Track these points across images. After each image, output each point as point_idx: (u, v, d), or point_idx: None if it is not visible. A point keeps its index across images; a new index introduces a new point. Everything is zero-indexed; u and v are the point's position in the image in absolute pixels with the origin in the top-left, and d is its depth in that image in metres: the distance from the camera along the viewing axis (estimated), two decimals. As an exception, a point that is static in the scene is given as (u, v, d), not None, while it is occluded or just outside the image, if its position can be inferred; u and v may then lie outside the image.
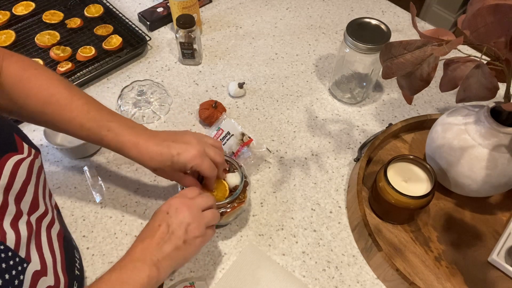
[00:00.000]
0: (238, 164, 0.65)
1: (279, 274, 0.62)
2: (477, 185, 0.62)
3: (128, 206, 0.70)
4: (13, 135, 0.45)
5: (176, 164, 0.56)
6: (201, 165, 0.56)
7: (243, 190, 0.63)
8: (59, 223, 0.54)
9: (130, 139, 0.55)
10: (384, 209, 0.66)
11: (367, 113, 0.85)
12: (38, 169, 0.49)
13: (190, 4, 0.91)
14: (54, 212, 0.53)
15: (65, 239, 0.54)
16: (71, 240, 0.60)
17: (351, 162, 0.77)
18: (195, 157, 0.55)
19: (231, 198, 0.61)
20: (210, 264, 0.64)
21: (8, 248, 0.39)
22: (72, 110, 0.55)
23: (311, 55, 0.96)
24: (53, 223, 0.51)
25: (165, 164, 0.56)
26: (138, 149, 0.55)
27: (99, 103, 0.58)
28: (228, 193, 0.62)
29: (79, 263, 0.58)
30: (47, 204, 0.51)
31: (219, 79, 0.90)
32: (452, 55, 0.59)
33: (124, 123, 0.57)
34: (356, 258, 0.65)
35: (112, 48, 0.92)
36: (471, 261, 0.63)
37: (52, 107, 0.54)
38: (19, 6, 1.00)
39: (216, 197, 0.62)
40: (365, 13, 1.07)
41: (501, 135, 0.58)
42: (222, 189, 0.63)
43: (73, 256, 0.56)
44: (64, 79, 0.58)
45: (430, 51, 0.52)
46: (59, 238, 0.52)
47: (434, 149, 0.66)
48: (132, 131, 0.56)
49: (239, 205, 0.62)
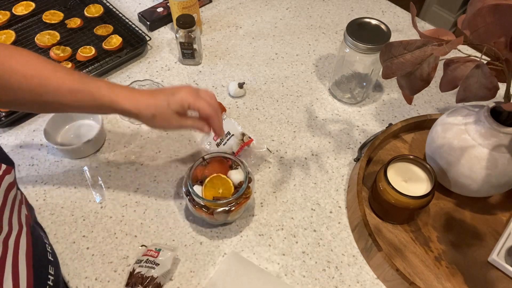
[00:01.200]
0: (240, 161, 0.65)
1: (266, 280, 0.61)
2: (477, 185, 0.62)
3: (128, 206, 0.70)
4: None
5: (173, 103, 0.55)
6: (196, 102, 0.56)
7: (247, 186, 0.63)
8: (27, 240, 0.51)
9: (122, 92, 0.54)
10: (384, 209, 0.66)
11: (367, 113, 0.85)
12: (7, 187, 0.46)
13: (190, 4, 0.91)
14: (23, 229, 0.50)
15: (34, 258, 0.51)
16: (45, 255, 0.57)
17: (351, 162, 0.77)
18: (189, 94, 0.56)
19: (237, 194, 0.61)
20: (210, 264, 0.64)
21: None
22: (57, 77, 0.53)
23: (311, 55, 0.96)
24: (19, 242, 0.48)
25: (162, 107, 0.55)
26: (132, 100, 0.54)
27: (80, 71, 0.57)
28: (233, 190, 0.63)
29: (52, 279, 0.55)
30: (13, 223, 0.48)
31: (219, 79, 0.90)
32: (452, 55, 0.59)
33: (111, 82, 0.56)
34: (356, 258, 0.65)
35: (112, 48, 0.92)
36: (471, 261, 0.63)
37: (36, 79, 0.52)
38: (19, 6, 1.00)
39: (222, 194, 0.62)
40: (365, 13, 1.07)
41: (501, 135, 0.58)
42: (227, 186, 0.63)
43: (46, 273, 0.54)
44: (43, 56, 0.56)
45: (430, 51, 0.52)
46: (28, 257, 0.49)
47: (434, 149, 0.66)
48: (123, 87, 0.56)
49: (245, 201, 0.63)
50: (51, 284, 0.54)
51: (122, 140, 0.79)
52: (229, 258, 0.64)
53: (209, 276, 0.62)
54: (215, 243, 0.66)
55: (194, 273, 0.63)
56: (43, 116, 0.81)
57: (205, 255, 0.65)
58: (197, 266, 0.63)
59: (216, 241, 0.66)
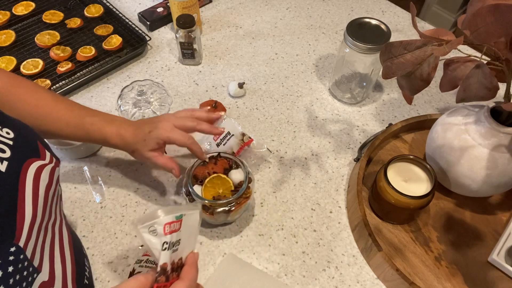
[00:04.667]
0: (240, 161, 0.65)
1: (265, 281, 0.61)
2: (477, 185, 0.62)
3: (128, 206, 0.70)
4: (37, 142, 0.46)
5: (149, 142, 0.61)
6: (171, 136, 0.61)
7: (247, 186, 0.63)
8: (68, 230, 0.54)
9: (111, 130, 0.62)
10: (384, 209, 0.66)
11: (367, 113, 0.85)
12: (57, 177, 0.50)
13: (190, 4, 0.91)
14: (63, 220, 0.54)
15: (75, 248, 0.54)
16: (82, 248, 0.61)
17: (351, 162, 0.77)
18: (164, 130, 0.61)
19: (237, 194, 0.61)
20: (210, 264, 0.64)
21: (26, 257, 0.38)
22: (58, 110, 0.61)
23: (311, 55, 0.96)
24: (62, 231, 0.51)
25: (139, 144, 0.62)
26: (120, 137, 0.62)
27: (79, 104, 0.65)
28: (233, 190, 0.63)
29: (88, 271, 0.58)
30: (57, 212, 0.51)
31: (219, 79, 0.90)
32: (452, 55, 0.59)
33: (104, 117, 0.64)
34: (356, 258, 0.65)
35: (112, 48, 0.92)
36: (471, 261, 0.63)
37: (40, 110, 0.60)
38: (19, 6, 1.00)
39: (222, 194, 0.62)
40: (365, 13, 1.07)
41: (501, 135, 0.58)
42: (227, 186, 0.63)
43: (83, 265, 0.57)
44: (46, 88, 0.64)
45: (430, 51, 0.52)
46: (70, 246, 0.52)
47: (434, 149, 0.66)
48: (113, 123, 0.63)
49: (245, 201, 0.63)
50: (87, 276, 0.57)
51: (122, 140, 0.79)
52: (227, 259, 0.64)
53: (209, 275, 0.62)
54: (215, 243, 0.66)
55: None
56: (43, 116, 0.81)
57: (205, 255, 0.65)
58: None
59: (216, 241, 0.66)
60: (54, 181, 0.48)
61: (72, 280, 0.49)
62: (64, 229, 0.52)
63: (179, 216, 0.43)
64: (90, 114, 0.63)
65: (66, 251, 0.50)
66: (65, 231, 0.52)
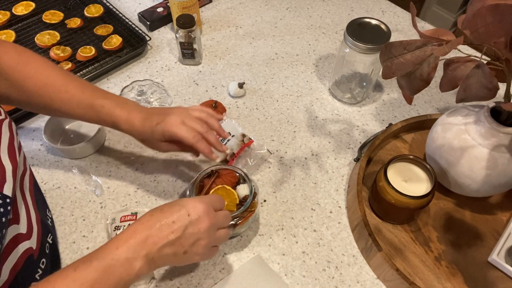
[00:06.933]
0: (248, 177, 0.64)
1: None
2: (477, 185, 0.62)
3: (128, 206, 0.70)
4: None
5: (155, 133, 0.60)
6: (178, 132, 0.59)
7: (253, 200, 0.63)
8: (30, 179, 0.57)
9: (122, 113, 0.60)
10: (384, 209, 0.66)
11: (367, 113, 0.85)
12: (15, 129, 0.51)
13: (190, 4, 0.91)
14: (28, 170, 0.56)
15: (38, 203, 0.57)
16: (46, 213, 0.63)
17: (351, 162, 0.77)
18: (171, 126, 0.59)
19: (243, 208, 0.60)
20: (210, 264, 0.64)
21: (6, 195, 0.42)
22: (68, 90, 0.59)
23: (311, 55, 0.96)
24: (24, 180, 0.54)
25: (146, 134, 0.60)
26: (129, 123, 0.60)
27: (91, 84, 0.62)
28: (238, 203, 0.62)
29: (52, 238, 0.60)
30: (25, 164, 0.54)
31: (219, 79, 0.90)
32: (452, 55, 0.59)
33: (117, 100, 0.61)
34: (356, 258, 0.65)
35: (112, 48, 0.92)
36: (471, 261, 0.63)
37: (49, 88, 0.58)
38: (19, 6, 1.00)
39: (227, 207, 0.61)
40: (365, 13, 1.07)
41: (501, 135, 0.58)
42: (232, 198, 0.63)
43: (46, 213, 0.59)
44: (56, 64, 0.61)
45: (430, 51, 0.52)
46: (32, 197, 0.54)
47: (434, 149, 0.66)
48: (124, 107, 0.61)
49: (250, 215, 0.62)
50: (50, 242, 0.58)
51: (122, 140, 0.79)
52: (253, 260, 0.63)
53: (209, 275, 0.62)
54: (215, 243, 0.66)
55: (194, 273, 0.63)
56: (43, 116, 0.81)
57: (205, 255, 0.65)
58: (197, 266, 0.63)
59: (216, 241, 0.66)
60: (15, 133, 0.50)
61: (34, 207, 0.52)
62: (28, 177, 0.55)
63: None
64: (102, 96, 0.61)
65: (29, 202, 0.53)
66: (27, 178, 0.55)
